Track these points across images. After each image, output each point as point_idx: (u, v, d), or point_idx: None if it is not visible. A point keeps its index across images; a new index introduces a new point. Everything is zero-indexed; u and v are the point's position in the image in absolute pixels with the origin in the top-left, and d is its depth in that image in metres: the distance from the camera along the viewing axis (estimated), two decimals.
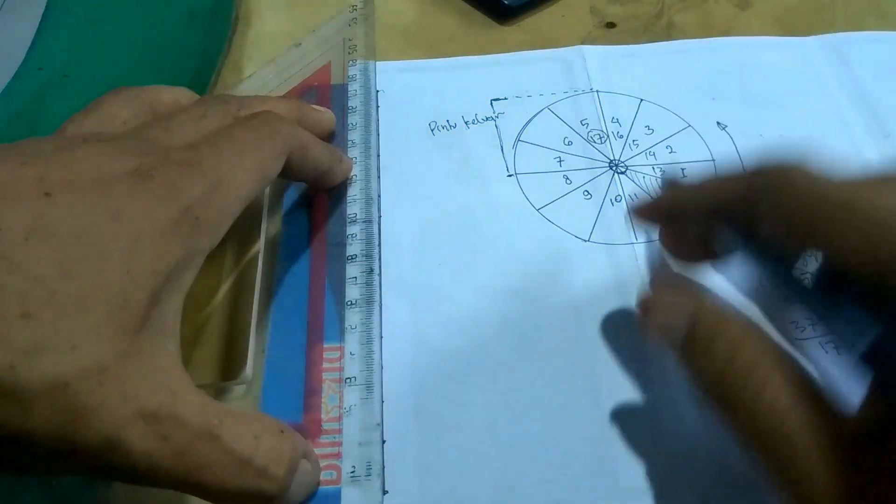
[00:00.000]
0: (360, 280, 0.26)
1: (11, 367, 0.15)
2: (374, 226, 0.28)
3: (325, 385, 0.24)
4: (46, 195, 0.17)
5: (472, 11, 0.37)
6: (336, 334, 0.25)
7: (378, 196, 0.29)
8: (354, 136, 0.30)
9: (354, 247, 0.27)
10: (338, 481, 0.22)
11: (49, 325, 0.16)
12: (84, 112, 0.22)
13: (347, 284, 0.26)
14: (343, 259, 0.27)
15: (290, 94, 0.32)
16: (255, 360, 0.25)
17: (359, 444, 0.23)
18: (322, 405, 0.24)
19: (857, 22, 0.36)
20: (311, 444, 0.22)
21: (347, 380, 0.24)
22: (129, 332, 0.17)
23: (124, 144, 0.20)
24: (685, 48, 0.35)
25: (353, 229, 0.27)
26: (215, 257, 0.27)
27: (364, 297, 0.26)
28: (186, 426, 0.17)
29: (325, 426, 0.23)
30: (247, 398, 0.24)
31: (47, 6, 0.31)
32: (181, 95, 0.24)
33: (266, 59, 0.34)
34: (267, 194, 0.28)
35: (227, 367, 0.25)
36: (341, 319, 0.26)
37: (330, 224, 0.28)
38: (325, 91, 0.32)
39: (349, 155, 0.29)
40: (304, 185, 0.29)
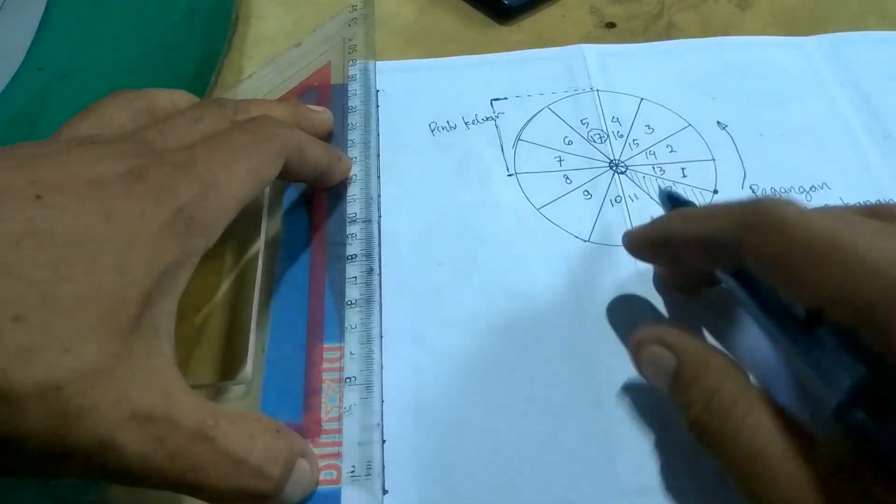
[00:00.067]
0: (360, 280, 0.26)
1: (3, 370, 0.15)
2: (374, 225, 0.28)
3: (324, 385, 0.24)
4: (38, 198, 0.17)
5: (472, 11, 0.37)
6: (336, 334, 0.25)
7: (378, 196, 0.29)
8: (354, 135, 0.30)
9: (354, 246, 0.27)
10: (338, 481, 0.22)
11: (41, 328, 0.16)
12: (81, 115, 0.22)
13: (347, 284, 0.26)
14: (343, 259, 0.27)
15: (289, 95, 0.32)
16: (255, 360, 0.25)
17: (358, 444, 0.23)
18: (322, 405, 0.24)
19: (857, 22, 0.36)
20: (309, 443, 0.22)
21: (347, 379, 0.24)
22: (123, 333, 0.17)
23: (118, 147, 0.19)
24: (685, 48, 0.35)
25: (353, 229, 0.27)
26: (215, 257, 0.27)
27: (364, 296, 0.26)
28: (181, 427, 0.17)
29: (324, 426, 0.23)
30: (246, 398, 0.24)
31: (47, 6, 0.31)
32: (179, 99, 0.24)
33: (266, 59, 0.34)
34: (266, 194, 0.28)
35: (226, 368, 0.25)
36: (341, 319, 0.26)
37: (330, 223, 0.28)
38: (324, 91, 0.32)
39: (349, 154, 0.29)
40: (303, 184, 0.29)
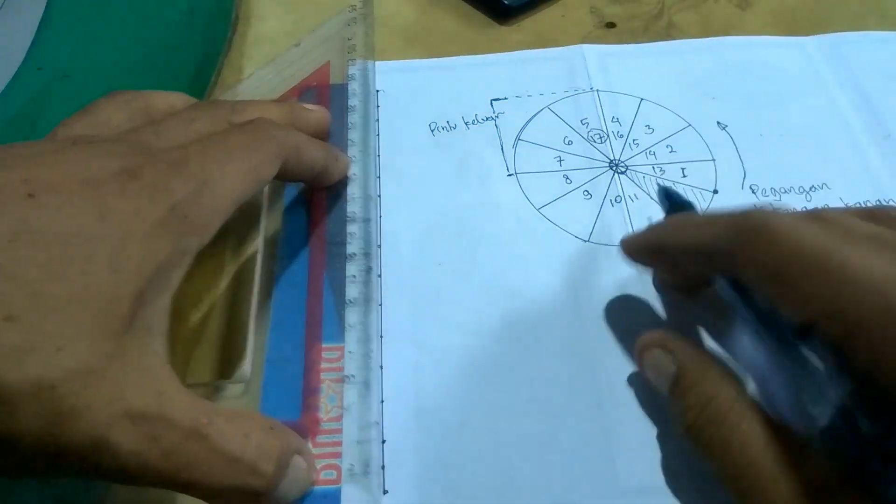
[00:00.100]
0: (359, 278, 0.26)
1: None
2: (373, 224, 0.28)
3: (324, 385, 0.24)
4: (31, 197, 0.17)
5: (472, 11, 0.37)
6: (336, 334, 0.25)
7: (378, 196, 0.29)
8: (353, 135, 0.30)
9: (353, 245, 0.27)
10: (338, 480, 0.22)
11: (34, 327, 0.16)
12: (76, 115, 0.22)
13: (346, 283, 0.26)
14: (342, 257, 0.27)
15: (289, 94, 0.32)
16: (254, 359, 0.25)
17: (358, 443, 0.23)
18: (322, 404, 0.24)
19: (857, 22, 0.36)
20: (305, 441, 0.22)
21: (347, 378, 0.24)
22: (116, 332, 0.17)
23: (112, 146, 0.20)
24: (685, 48, 0.35)
25: (352, 228, 0.27)
26: (214, 256, 0.27)
27: (363, 295, 0.26)
28: (175, 426, 0.17)
29: (324, 426, 0.23)
30: (245, 397, 0.24)
31: (47, 6, 0.31)
32: (177, 100, 0.24)
33: (266, 59, 0.34)
34: (265, 193, 0.28)
35: (225, 366, 0.25)
36: (341, 319, 0.26)
37: (329, 222, 0.28)
38: (324, 90, 0.32)
39: (349, 154, 0.29)
40: (302, 183, 0.29)
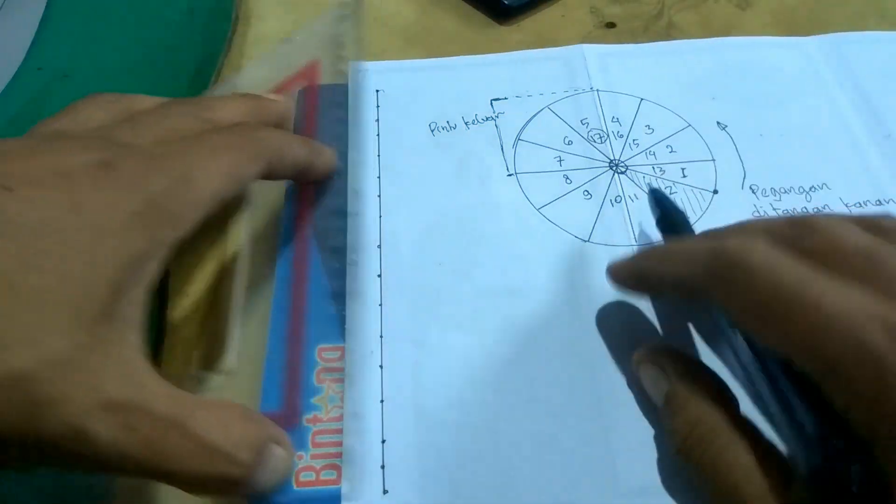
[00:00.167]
0: (346, 272, 0.26)
1: None
2: (360, 218, 0.28)
3: (324, 385, 0.24)
4: (7, 189, 0.17)
5: (472, 11, 0.37)
6: (336, 334, 0.25)
7: (378, 196, 0.29)
8: (340, 129, 0.30)
9: (339, 239, 0.27)
10: (338, 481, 0.22)
11: (10, 319, 0.16)
12: (58, 114, 0.22)
13: (333, 277, 0.26)
14: (328, 251, 0.27)
15: (278, 90, 0.32)
16: (243, 352, 0.25)
17: (358, 443, 0.23)
18: (322, 405, 0.24)
19: (857, 22, 0.36)
20: (284, 431, 0.22)
21: (347, 379, 0.24)
22: (92, 323, 0.17)
23: (88, 141, 0.20)
24: (685, 48, 0.35)
25: (339, 222, 0.28)
26: (199, 251, 0.27)
27: (350, 289, 0.26)
28: (152, 415, 0.18)
29: (324, 426, 0.23)
30: (243, 390, 0.24)
31: (47, 6, 0.31)
32: (160, 103, 0.24)
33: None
34: (250, 188, 0.29)
35: (209, 359, 0.25)
36: (341, 319, 0.26)
37: (315, 217, 0.28)
38: (313, 86, 0.32)
39: (338, 149, 0.29)
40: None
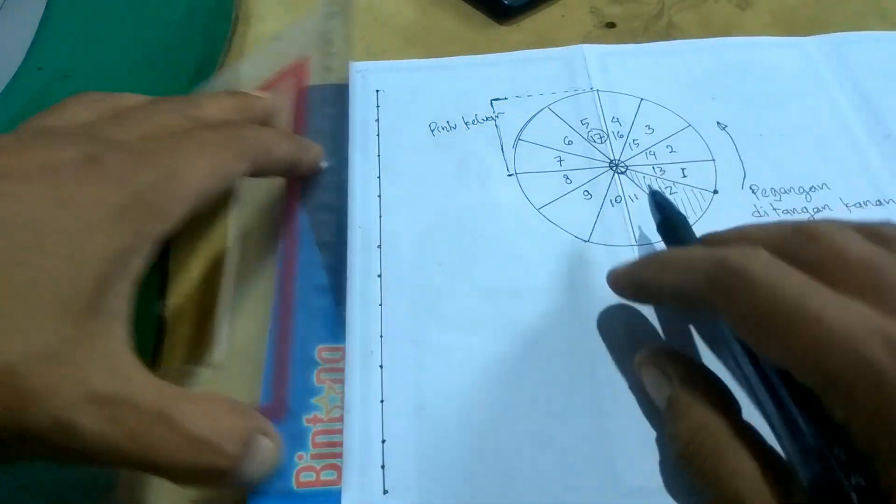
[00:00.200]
0: (333, 266, 0.27)
1: None
2: (345, 213, 0.28)
3: (325, 385, 0.24)
4: None
5: (472, 11, 0.37)
6: (336, 334, 0.25)
7: (378, 196, 0.29)
8: (325, 124, 0.30)
9: (325, 233, 0.27)
10: (338, 481, 0.22)
11: None
12: (45, 112, 0.22)
13: (320, 271, 0.26)
14: (315, 245, 0.27)
15: (266, 87, 0.32)
16: (231, 347, 0.25)
17: (358, 444, 0.23)
18: (323, 405, 0.24)
19: (857, 22, 0.36)
20: (272, 424, 0.22)
21: (347, 379, 0.24)
22: (78, 317, 0.17)
23: (74, 137, 0.20)
24: (685, 48, 0.35)
25: (325, 216, 0.28)
26: (189, 246, 0.28)
27: (335, 283, 0.26)
28: (138, 408, 0.18)
29: (324, 426, 0.23)
30: (229, 385, 0.24)
31: (47, 6, 0.31)
32: (147, 101, 0.24)
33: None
34: (238, 185, 0.29)
35: (202, 353, 0.25)
36: (341, 320, 0.26)
37: (303, 211, 0.28)
38: (301, 84, 0.32)
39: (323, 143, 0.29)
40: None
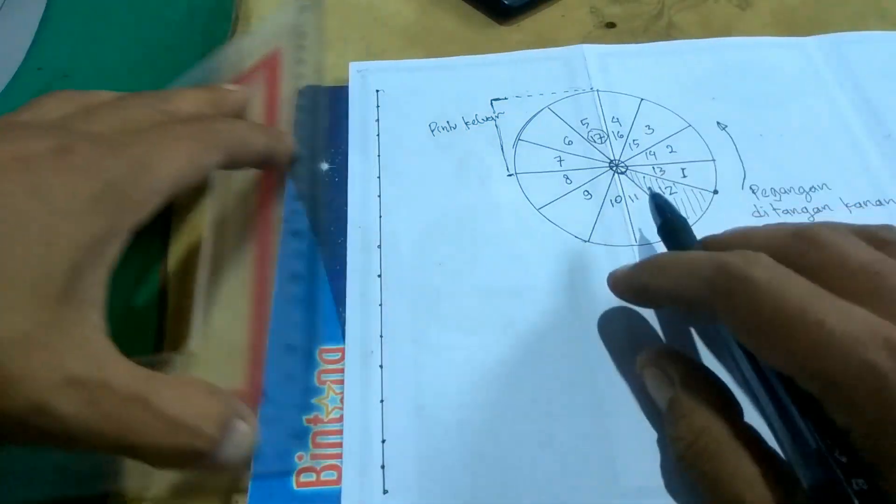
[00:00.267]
0: (306, 254, 0.27)
1: None
2: (319, 203, 0.29)
3: (325, 386, 0.24)
4: None
5: (472, 11, 0.37)
6: (336, 335, 0.25)
7: (378, 196, 0.29)
8: (303, 116, 0.31)
9: (299, 222, 0.28)
10: (338, 481, 0.22)
11: None
12: (20, 108, 0.23)
13: (293, 259, 0.27)
14: (289, 234, 0.27)
15: (239, 81, 0.32)
16: (206, 335, 0.25)
17: (358, 444, 0.23)
18: (323, 406, 0.24)
19: (857, 22, 0.36)
20: (246, 406, 0.22)
21: (347, 379, 0.24)
22: (51, 303, 0.18)
23: (47, 129, 0.20)
24: (685, 48, 0.35)
25: (297, 205, 0.28)
26: (164, 235, 0.28)
27: (308, 270, 0.26)
28: (114, 391, 0.18)
29: (325, 427, 0.23)
30: (204, 372, 0.25)
31: (47, 6, 0.31)
32: (119, 96, 0.25)
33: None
34: (213, 177, 0.29)
35: (179, 342, 0.25)
36: (342, 322, 0.26)
37: (277, 201, 0.28)
38: (274, 76, 0.32)
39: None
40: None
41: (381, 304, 0.26)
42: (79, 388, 0.17)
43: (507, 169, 0.30)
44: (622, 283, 0.24)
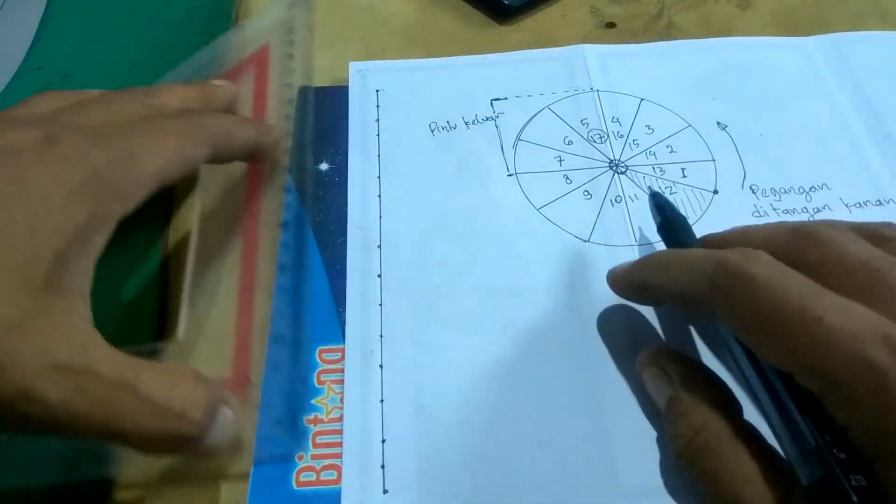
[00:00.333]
0: (292, 245, 0.27)
1: None
2: (307, 196, 0.29)
3: (325, 386, 0.24)
4: None
5: (472, 11, 0.37)
6: (336, 335, 0.25)
7: (378, 196, 0.29)
8: (291, 109, 0.31)
9: (286, 214, 0.28)
10: (338, 481, 0.22)
11: None
12: (12, 106, 0.23)
13: (280, 249, 0.27)
14: (276, 225, 0.27)
15: (227, 76, 0.32)
16: (191, 324, 0.25)
17: (358, 444, 0.23)
18: (323, 406, 0.24)
19: (857, 22, 0.36)
20: (230, 393, 0.22)
21: (347, 379, 0.24)
22: (36, 291, 0.18)
23: (33, 121, 0.20)
24: (685, 48, 0.35)
25: (286, 197, 0.28)
26: (153, 227, 0.28)
27: (295, 261, 0.27)
28: (101, 377, 0.18)
29: (325, 426, 0.24)
30: (190, 361, 0.25)
31: (47, 6, 0.31)
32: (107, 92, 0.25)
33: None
34: (201, 171, 0.29)
35: (167, 331, 0.26)
36: (342, 322, 0.26)
37: (263, 193, 0.28)
38: (262, 69, 0.32)
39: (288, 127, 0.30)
40: None
41: (381, 304, 0.26)
42: (65, 374, 0.17)
43: (507, 169, 0.30)
44: (621, 280, 0.24)
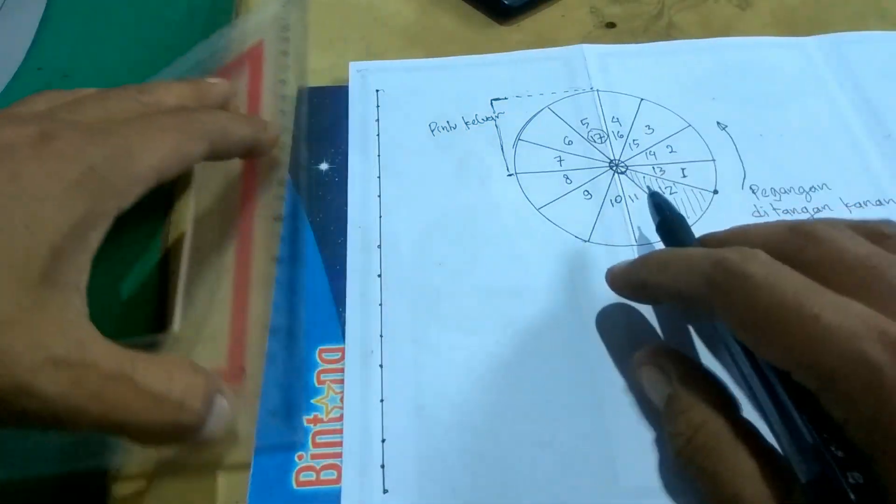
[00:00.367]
0: (287, 238, 0.27)
1: None
2: (300, 190, 0.29)
3: (325, 386, 0.24)
4: None
5: (472, 11, 0.37)
6: (336, 335, 0.25)
7: (378, 196, 0.29)
8: (286, 105, 0.31)
9: (283, 208, 0.28)
10: (337, 481, 0.22)
11: None
12: (10, 105, 0.23)
13: (276, 243, 0.27)
14: (271, 219, 0.27)
15: (221, 72, 0.32)
16: (186, 318, 0.26)
17: (358, 443, 0.23)
18: (323, 405, 0.24)
19: (857, 22, 0.36)
20: (225, 384, 0.22)
21: (346, 379, 0.24)
22: (33, 286, 0.18)
23: (30, 119, 0.20)
24: (685, 48, 0.35)
25: (281, 192, 0.28)
26: (151, 223, 0.29)
27: (290, 254, 0.27)
28: (98, 370, 0.18)
29: (325, 426, 0.24)
30: (185, 354, 0.25)
31: (47, 6, 0.31)
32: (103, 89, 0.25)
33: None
34: (196, 168, 0.29)
35: (162, 324, 0.26)
36: (342, 322, 0.26)
37: (260, 188, 0.28)
38: (257, 66, 0.32)
39: (284, 122, 0.30)
40: None
41: (381, 304, 0.26)
42: (62, 368, 0.17)
43: (507, 169, 0.30)
44: (620, 279, 0.24)
